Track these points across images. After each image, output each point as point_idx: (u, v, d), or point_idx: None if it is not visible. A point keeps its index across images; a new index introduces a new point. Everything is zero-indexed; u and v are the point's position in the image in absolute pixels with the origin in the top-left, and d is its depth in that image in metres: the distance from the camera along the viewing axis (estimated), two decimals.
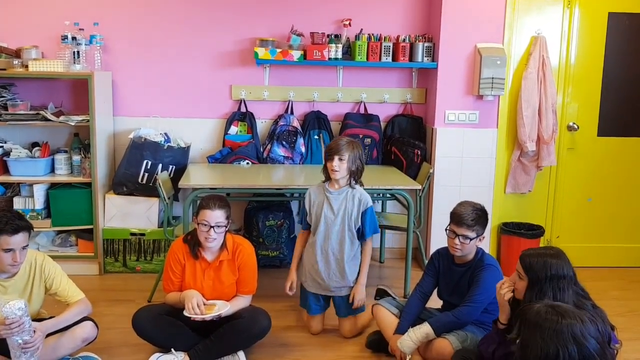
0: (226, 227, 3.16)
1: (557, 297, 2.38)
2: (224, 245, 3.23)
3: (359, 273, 3.52)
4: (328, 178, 3.45)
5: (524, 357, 1.95)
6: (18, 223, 2.76)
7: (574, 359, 1.87)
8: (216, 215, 3.09)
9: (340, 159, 3.32)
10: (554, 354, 1.87)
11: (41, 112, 4.26)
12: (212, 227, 3.08)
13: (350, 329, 3.56)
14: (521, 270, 2.52)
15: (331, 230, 3.43)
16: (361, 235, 3.48)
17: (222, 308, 3.11)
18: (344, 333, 3.56)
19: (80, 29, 4.35)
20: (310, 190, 3.54)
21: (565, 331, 1.89)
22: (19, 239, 2.76)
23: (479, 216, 3.07)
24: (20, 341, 2.68)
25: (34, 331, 2.72)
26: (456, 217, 3.09)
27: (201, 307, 3.06)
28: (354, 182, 3.43)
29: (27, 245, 2.84)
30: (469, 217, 3.05)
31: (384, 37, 4.60)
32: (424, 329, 3.05)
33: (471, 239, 3.05)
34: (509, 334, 2.55)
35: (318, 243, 3.45)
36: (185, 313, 3.04)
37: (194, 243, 3.22)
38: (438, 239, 4.50)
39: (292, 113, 4.73)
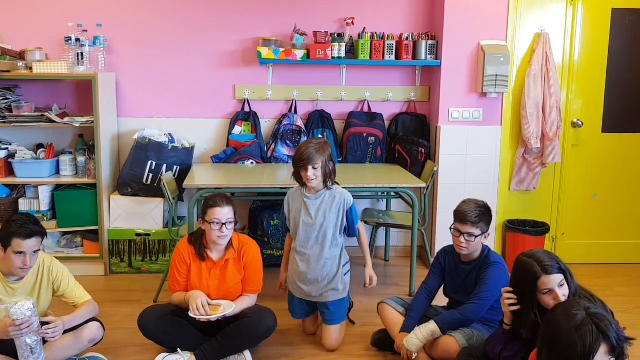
0: (235, 222, 3.18)
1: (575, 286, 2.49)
2: (230, 244, 3.23)
3: (365, 259, 3.50)
4: (303, 185, 3.35)
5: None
6: (32, 228, 2.78)
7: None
8: (226, 212, 3.11)
9: (314, 168, 3.21)
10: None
11: (46, 113, 4.28)
12: (224, 224, 3.10)
13: (337, 338, 3.41)
14: (561, 278, 2.48)
15: (310, 235, 3.34)
16: (350, 233, 3.41)
17: (228, 308, 3.11)
18: (330, 343, 3.38)
19: (83, 31, 4.36)
20: (289, 194, 3.45)
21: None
22: (31, 243, 2.78)
23: (483, 213, 3.06)
24: (28, 341, 2.69)
25: (46, 322, 2.75)
26: (460, 215, 3.08)
27: (206, 307, 3.06)
28: (330, 183, 3.33)
29: (38, 250, 2.86)
30: (472, 214, 3.04)
31: (387, 36, 4.60)
32: (430, 327, 3.05)
33: (476, 237, 3.05)
34: (515, 334, 2.57)
35: (299, 248, 3.38)
36: (191, 314, 3.05)
37: (199, 245, 3.22)
38: (443, 237, 4.49)
39: (295, 112, 4.74)
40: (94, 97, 4.20)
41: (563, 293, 2.48)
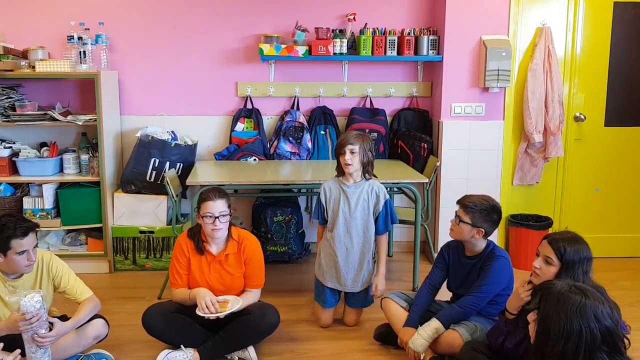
0: (230, 215, 3.19)
1: (583, 280, 2.45)
2: (229, 237, 3.25)
3: (377, 264, 3.54)
4: (342, 173, 3.47)
5: (544, 331, 1.97)
6: (26, 225, 2.79)
7: (595, 337, 1.90)
8: (218, 205, 3.12)
9: (352, 152, 3.35)
10: (577, 330, 1.91)
11: (49, 112, 4.29)
12: (217, 217, 3.11)
13: (357, 318, 3.63)
14: (553, 256, 2.52)
15: (350, 224, 3.45)
16: (381, 228, 3.52)
17: (235, 304, 3.11)
18: (349, 322, 3.62)
19: (85, 29, 4.38)
20: (325, 185, 3.53)
21: (589, 310, 1.93)
22: (30, 240, 2.79)
23: (483, 207, 3.06)
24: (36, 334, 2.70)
25: (50, 324, 2.76)
26: (461, 197, 3.13)
27: (215, 305, 3.06)
28: (367, 174, 3.46)
29: (37, 244, 2.87)
30: (469, 200, 3.07)
31: (389, 31, 4.60)
32: (433, 325, 3.05)
33: (463, 222, 3.05)
34: (518, 323, 2.57)
35: (337, 238, 3.47)
36: (199, 312, 3.05)
37: (197, 239, 3.24)
38: (446, 232, 4.46)
39: (298, 109, 4.74)
40: (97, 95, 4.21)
41: (539, 267, 2.56)
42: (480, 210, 3.05)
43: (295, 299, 3.91)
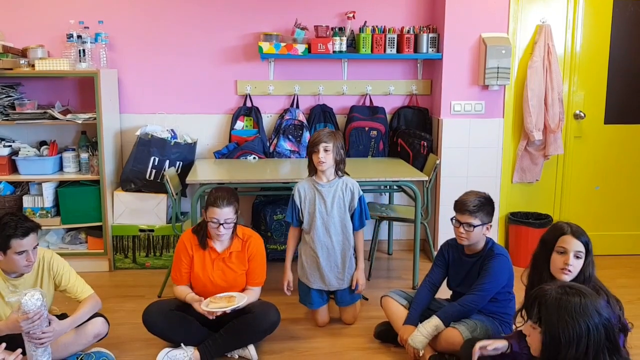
0: (235, 221, 3.20)
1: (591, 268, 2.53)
2: (234, 236, 3.26)
3: (356, 260, 3.55)
4: (314, 172, 3.46)
5: (553, 339, 1.96)
6: (27, 225, 2.79)
7: (600, 332, 1.92)
8: (225, 213, 3.12)
9: (326, 150, 3.34)
10: (585, 330, 1.92)
11: (48, 110, 4.29)
12: (222, 224, 3.11)
13: (354, 314, 3.63)
14: (582, 248, 2.55)
15: (328, 224, 3.44)
16: (357, 224, 3.52)
17: (241, 299, 3.13)
18: (347, 320, 3.63)
19: (85, 28, 4.37)
20: (298, 186, 3.51)
21: (590, 307, 1.94)
22: (30, 240, 2.79)
23: (483, 204, 3.07)
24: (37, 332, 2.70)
25: (49, 322, 2.75)
26: (459, 205, 3.10)
27: (201, 305, 3.08)
28: (340, 172, 3.45)
29: (37, 245, 2.87)
30: (470, 204, 3.06)
31: (388, 29, 4.59)
32: (433, 322, 3.05)
33: (475, 227, 3.05)
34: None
35: (316, 239, 3.45)
36: (205, 308, 3.05)
37: (202, 234, 3.25)
38: (446, 230, 4.50)
39: (297, 107, 4.74)
40: (96, 93, 4.21)
41: (573, 264, 2.53)
42: (482, 207, 3.06)
43: (296, 298, 3.89)
